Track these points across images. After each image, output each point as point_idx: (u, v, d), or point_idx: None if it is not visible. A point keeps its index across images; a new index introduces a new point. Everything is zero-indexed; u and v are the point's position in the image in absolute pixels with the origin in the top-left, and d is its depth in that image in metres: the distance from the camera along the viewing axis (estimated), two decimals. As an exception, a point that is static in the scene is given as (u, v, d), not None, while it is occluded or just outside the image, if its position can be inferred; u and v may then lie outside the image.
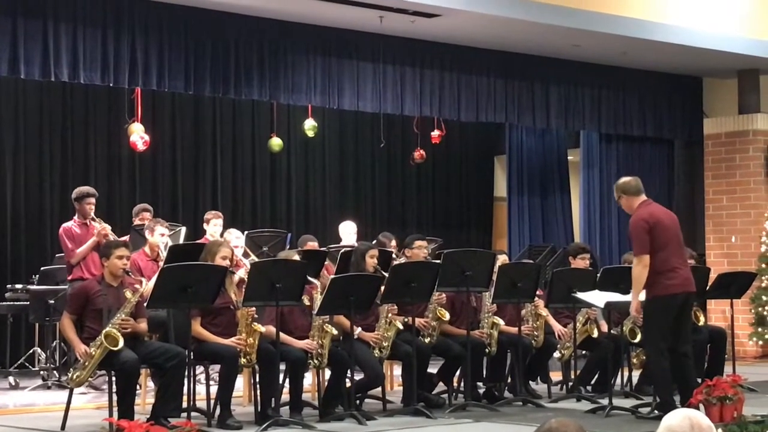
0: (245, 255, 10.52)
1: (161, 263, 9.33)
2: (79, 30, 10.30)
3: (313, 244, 11.09)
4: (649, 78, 14.34)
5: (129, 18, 10.60)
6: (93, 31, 10.38)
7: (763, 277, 13.72)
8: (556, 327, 9.90)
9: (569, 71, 13.67)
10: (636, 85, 14.30)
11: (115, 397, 7.64)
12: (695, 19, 12.92)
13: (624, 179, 8.75)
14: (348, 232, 12.17)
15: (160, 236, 9.75)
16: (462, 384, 9.38)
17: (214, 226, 10.84)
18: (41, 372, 10.87)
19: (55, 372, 10.56)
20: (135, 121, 11.90)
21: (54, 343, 10.85)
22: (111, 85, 10.76)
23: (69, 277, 9.78)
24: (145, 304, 7.92)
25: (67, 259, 10.06)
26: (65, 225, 10.18)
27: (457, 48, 12.73)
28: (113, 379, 7.70)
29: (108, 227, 9.92)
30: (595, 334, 9.79)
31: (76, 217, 10.20)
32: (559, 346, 9.86)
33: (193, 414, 7.83)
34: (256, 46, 11.40)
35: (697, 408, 7.69)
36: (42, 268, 11.23)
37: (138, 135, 11.80)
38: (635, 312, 8.39)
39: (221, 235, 10.80)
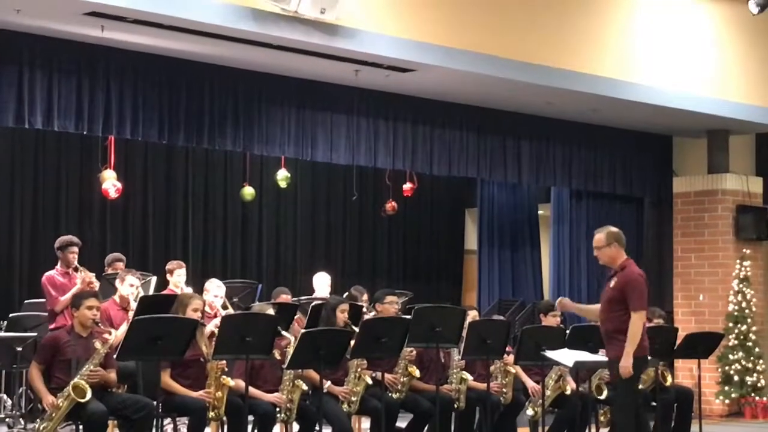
0: (224, 306, 10.46)
1: (131, 313, 9.32)
2: (54, 77, 10.29)
3: (286, 297, 11.09)
4: (620, 136, 14.46)
5: (104, 66, 10.58)
6: (68, 78, 10.36)
7: (730, 336, 13.80)
8: (529, 383, 9.89)
9: (541, 127, 13.76)
10: (607, 142, 14.41)
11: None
12: (666, 79, 13.06)
13: (615, 229, 8.62)
14: (322, 283, 12.17)
15: (130, 287, 9.73)
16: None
17: (177, 276, 10.79)
18: (7, 419, 10.78)
19: (21, 419, 10.47)
20: (108, 168, 11.91)
21: (21, 390, 10.77)
22: (85, 132, 10.74)
23: (51, 326, 9.71)
24: (114, 355, 7.89)
25: (51, 307, 10.03)
26: (48, 273, 10.17)
27: (431, 102, 12.81)
28: (80, 430, 7.66)
29: (92, 275, 9.92)
30: (568, 391, 9.80)
31: (58, 266, 10.19)
32: (530, 403, 9.85)
33: (159, 467, 7.78)
34: (231, 96, 11.42)
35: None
36: (10, 315, 11.14)
37: (110, 182, 11.82)
38: (628, 371, 8.08)
39: (190, 284, 10.78)
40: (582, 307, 9.16)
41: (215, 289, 10.45)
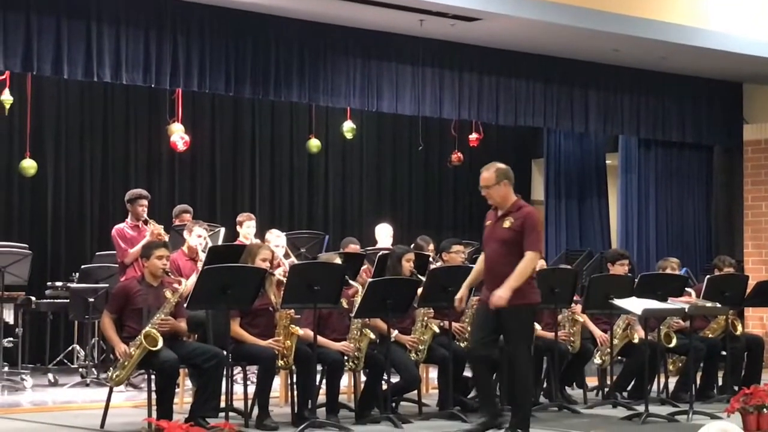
0: (286, 255, 10.57)
1: (200, 263, 9.43)
2: (122, 31, 10.40)
3: (355, 247, 11.14)
4: (689, 83, 14.28)
5: (171, 19, 10.68)
6: (135, 32, 10.48)
7: (802, 285, 13.63)
8: (597, 333, 9.86)
9: (608, 76, 13.64)
10: (675, 90, 14.24)
11: (154, 397, 7.71)
12: (735, 24, 12.85)
13: (503, 165, 8.08)
14: (384, 234, 12.20)
15: (197, 237, 9.85)
16: (498, 388, 9.38)
17: (247, 228, 10.92)
18: (80, 369, 10.98)
19: (93, 369, 10.66)
20: (175, 121, 12.01)
21: (93, 341, 10.96)
22: (153, 85, 10.85)
23: (122, 278, 9.87)
24: (184, 305, 7.99)
25: (120, 259, 10.21)
26: (118, 226, 10.34)
27: (497, 51, 12.73)
28: (152, 378, 7.78)
29: (161, 228, 10.06)
30: (636, 340, 9.76)
31: (128, 219, 10.37)
32: (598, 352, 9.82)
33: (230, 414, 7.89)
34: (296, 48, 11.45)
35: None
36: (82, 267, 11.32)
37: (178, 135, 11.92)
38: (503, 301, 7.50)
39: (258, 236, 10.87)
40: (469, 280, 8.12)
41: (275, 239, 10.56)
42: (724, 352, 10.06)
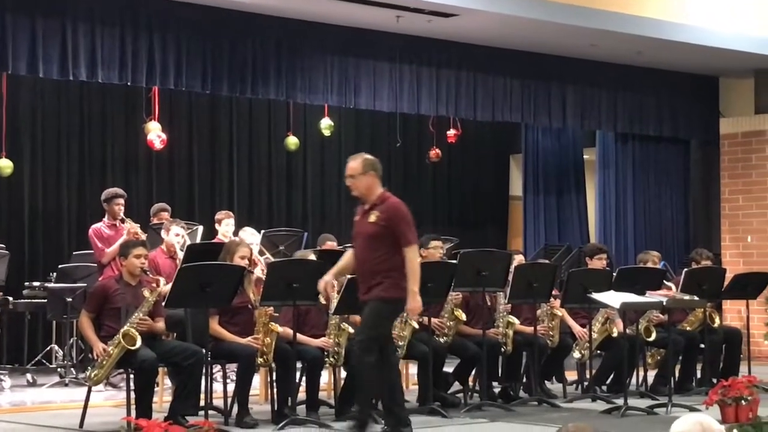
0: (260, 253, 10.57)
1: (178, 261, 9.41)
2: (97, 29, 10.35)
3: (332, 244, 11.14)
4: (666, 78, 14.32)
5: (146, 17, 10.64)
6: (111, 30, 10.43)
7: (779, 278, 13.70)
8: (576, 328, 9.89)
9: (586, 71, 13.67)
10: (652, 84, 14.28)
11: (132, 396, 7.69)
12: (711, 18, 12.90)
13: (371, 156, 7.74)
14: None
15: (175, 236, 9.83)
16: (477, 384, 9.40)
17: (226, 226, 10.91)
18: (59, 369, 10.93)
19: (72, 369, 10.63)
20: (152, 119, 11.98)
21: (71, 341, 10.93)
22: (129, 84, 10.81)
23: (101, 278, 9.83)
24: (163, 303, 7.97)
25: (98, 259, 10.18)
26: (95, 226, 10.30)
27: (474, 47, 12.74)
28: (131, 377, 7.76)
29: (137, 226, 10.03)
30: (615, 334, 9.79)
31: (105, 218, 10.32)
32: (578, 347, 9.85)
33: (210, 412, 7.90)
34: (273, 45, 11.44)
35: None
36: (60, 266, 11.29)
37: (155, 133, 11.89)
38: (420, 310, 7.52)
39: (236, 234, 10.86)
40: (337, 268, 7.79)
41: (249, 237, 10.57)
42: (702, 345, 10.10)
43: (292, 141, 13.61)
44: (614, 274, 9.78)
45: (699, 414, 3.70)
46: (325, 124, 13.46)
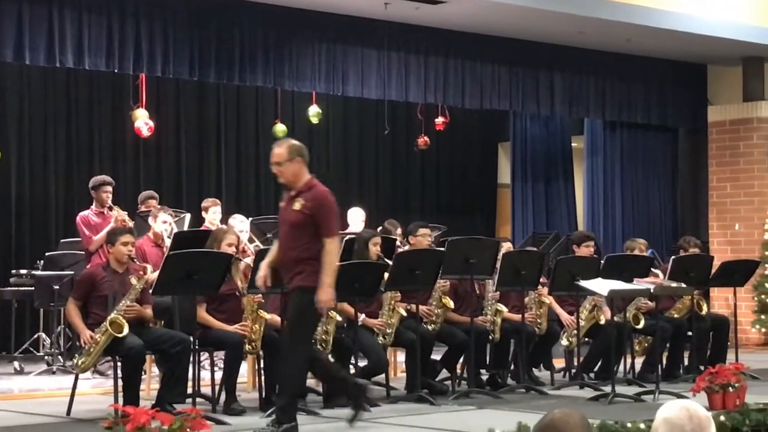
0: (250, 240, 10.55)
1: (166, 249, 9.38)
2: (84, 16, 10.33)
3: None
4: (654, 65, 14.34)
5: (134, 4, 10.62)
6: (98, 17, 10.40)
7: (766, 265, 13.74)
8: (563, 315, 9.90)
9: (574, 58, 13.67)
10: (640, 72, 14.29)
11: (120, 383, 7.67)
12: (700, 6, 12.91)
13: (297, 142, 7.48)
14: (356, 218, 12.20)
15: (163, 224, 9.80)
16: (465, 371, 9.40)
17: (213, 214, 10.85)
18: (46, 357, 10.91)
19: (59, 357, 10.60)
20: (139, 106, 11.95)
21: (59, 329, 10.89)
22: (116, 71, 10.78)
23: (88, 265, 9.81)
24: (150, 291, 7.95)
25: (86, 246, 10.15)
26: (82, 213, 10.26)
27: (462, 35, 12.73)
28: (118, 365, 7.75)
29: (125, 214, 10.00)
30: (603, 321, 9.79)
31: (93, 206, 10.29)
32: (566, 334, 9.86)
33: (197, 400, 7.86)
34: (261, 32, 11.41)
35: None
36: (47, 254, 11.25)
37: (142, 121, 11.86)
38: (333, 302, 7.25)
39: (224, 221, 10.84)
40: (269, 259, 7.49)
41: (239, 224, 10.53)
42: (689, 333, 10.12)
43: (280, 128, 13.58)
44: (602, 261, 9.79)
45: (686, 400, 3.69)
46: (313, 112, 13.44)
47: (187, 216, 10.78)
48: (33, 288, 10.80)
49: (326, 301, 7.07)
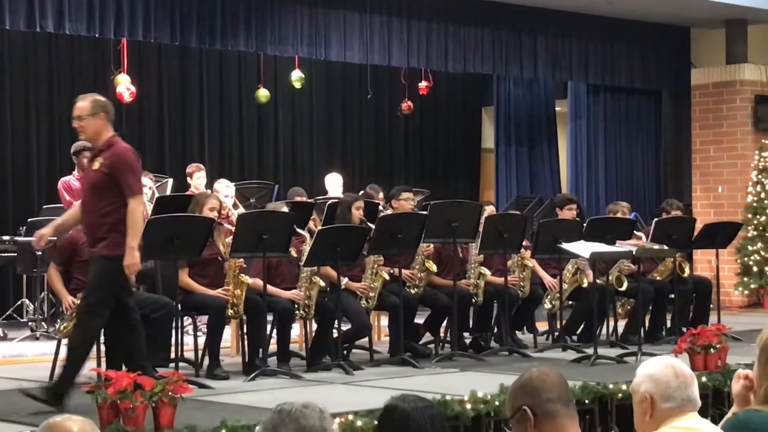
0: (234, 206, 10.53)
1: (147, 213, 9.35)
2: (64, -21, 10.25)
3: (301, 197, 11.11)
4: (637, 28, 14.31)
5: (114, -33, 10.54)
6: (78, -20, 10.32)
7: (749, 227, 13.79)
8: (546, 278, 9.92)
9: (557, 21, 13.63)
10: (623, 35, 14.27)
11: (102, 348, 7.66)
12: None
13: (102, 97, 7.06)
14: (334, 184, 12.18)
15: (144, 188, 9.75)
16: (448, 334, 9.43)
17: (197, 179, 10.85)
18: (29, 323, 10.90)
19: (43, 323, 10.58)
20: (121, 72, 11.88)
21: (42, 295, 10.86)
22: (97, 35, 10.71)
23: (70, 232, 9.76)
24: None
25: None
26: (64, 179, 10.21)
27: (445, -2, 12.69)
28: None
29: None
30: (585, 284, 9.81)
31: (75, 171, 10.22)
32: (549, 297, 9.88)
33: (180, 364, 7.88)
34: (243, -4, 11.35)
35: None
36: (29, 220, 11.18)
37: (124, 86, 11.80)
38: (138, 267, 6.75)
39: (208, 186, 10.82)
40: (61, 220, 7.21)
41: (224, 189, 10.50)
42: (672, 295, 10.15)
43: (263, 93, 13.55)
44: (584, 224, 9.80)
45: (669, 357, 3.70)
46: (296, 77, 13.39)
47: (170, 181, 10.76)
48: (16, 254, 10.76)
49: (130, 265, 6.67)
